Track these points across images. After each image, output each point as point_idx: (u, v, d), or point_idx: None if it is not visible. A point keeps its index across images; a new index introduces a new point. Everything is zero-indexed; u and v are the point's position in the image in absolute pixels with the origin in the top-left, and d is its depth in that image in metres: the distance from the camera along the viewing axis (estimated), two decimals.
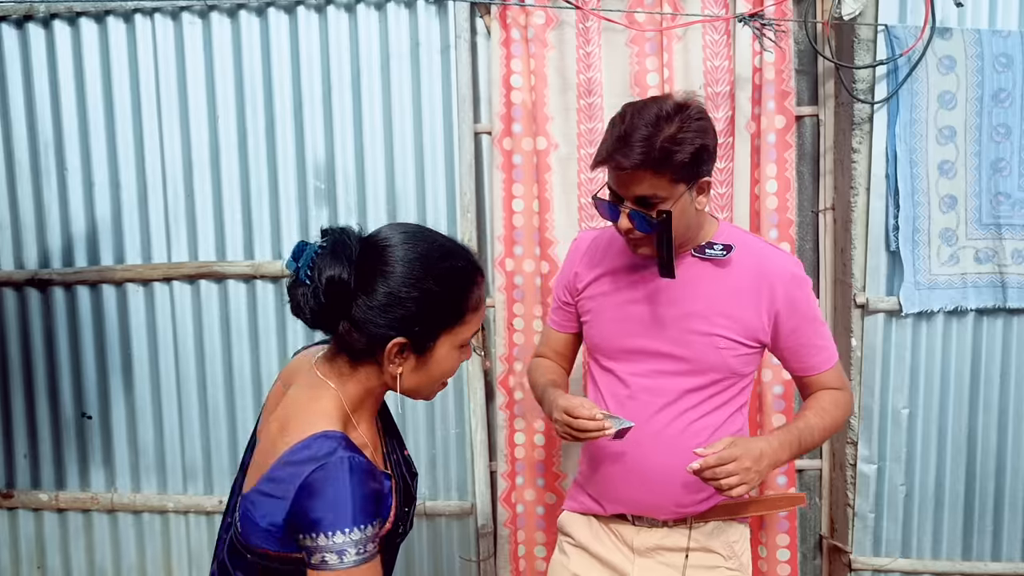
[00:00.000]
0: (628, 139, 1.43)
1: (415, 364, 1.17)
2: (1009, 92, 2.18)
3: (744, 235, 1.69)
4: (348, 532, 1.05)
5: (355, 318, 1.12)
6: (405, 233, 1.16)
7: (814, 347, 1.63)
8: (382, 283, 1.12)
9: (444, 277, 1.14)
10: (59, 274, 2.51)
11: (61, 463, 2.62)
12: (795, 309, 1.60)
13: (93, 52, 2.44)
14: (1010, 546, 2.35)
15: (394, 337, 1.12)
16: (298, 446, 1.09)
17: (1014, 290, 2.23)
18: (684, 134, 1.43)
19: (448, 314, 1.16)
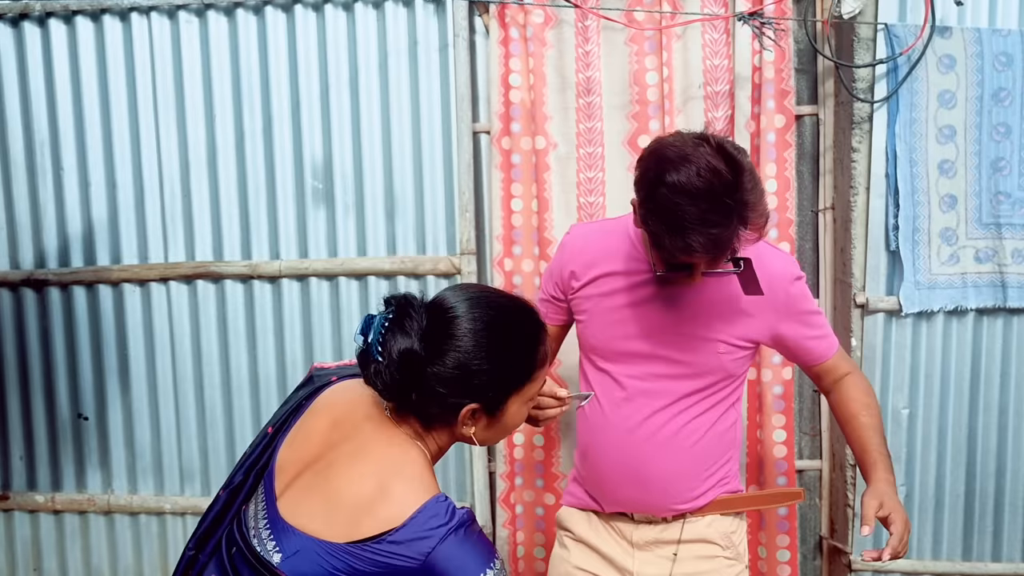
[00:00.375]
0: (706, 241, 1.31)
1: (487, 423, 1.20)
2: (1009, 91, 2.18)
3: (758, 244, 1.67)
4: (492, 567, 1.11)
5: (428, 388, 1.13)
6: (469, 300, 1.17)
7: (815, 338, 1.64)
8: (452, 355, 1.13)
9: (513, 344, 1.18)
10: (55, 274, 2.50)
11: (57, 465, 2.60)
12: (795, 309, 1.61)
13: (89, 51, 2.43)
14: (1010, 547, 2.35)
15: (467, 404, 1.15)
16: (419, 515, 1.10)
17: (1014, 290, 2.23)
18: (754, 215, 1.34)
19: (518, 377, 1.19)
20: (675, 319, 1.58)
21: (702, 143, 1.35)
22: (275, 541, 1.16)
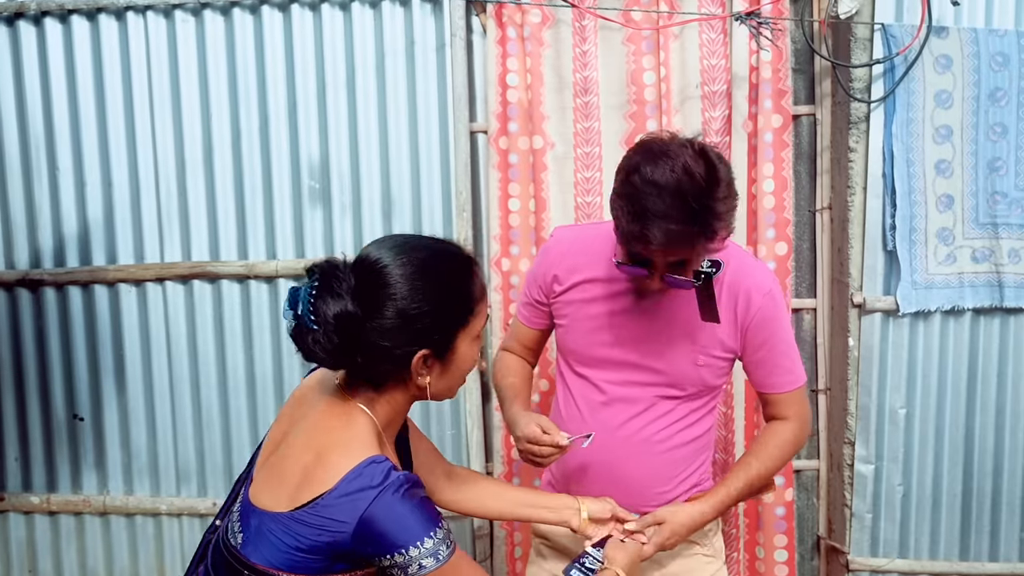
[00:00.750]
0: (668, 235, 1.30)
1: (440, 369, 1.19)
2: (1005, 91, 2.18)
3: (736, 250, 1.62)
4: (433, 536, 1.10)
5: (372, 347, 1.12)
6: (394, 249, 1.15)
7: (778, 367, 1.58)
8: (390, 305, 1.11)
9: (447, 281, 1.16)
10: (50, 274, 2.49)
11: (52, 465, 2.59)
12: (764, 325, 1.55)
13: (85, 50, 2.42)
14: (1007, 546, 2.35)
15: (417, 351, 1.14)
16: (349, 476, 1.09)
17: (1011, 289, 2.23)
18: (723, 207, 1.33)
19: (460, 314, 1.18)
20: (655, 329, 1.56)
21: (687, 145, 1.35)
22: (240, 523, 1.18)
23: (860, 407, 2.29)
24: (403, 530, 1.08)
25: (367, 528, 1.08)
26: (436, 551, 1.09)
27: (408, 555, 1.08)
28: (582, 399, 1.64)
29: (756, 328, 1.54)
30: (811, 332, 2.39)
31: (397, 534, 1.08)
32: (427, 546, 1.09)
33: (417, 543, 1.08)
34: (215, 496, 2.54)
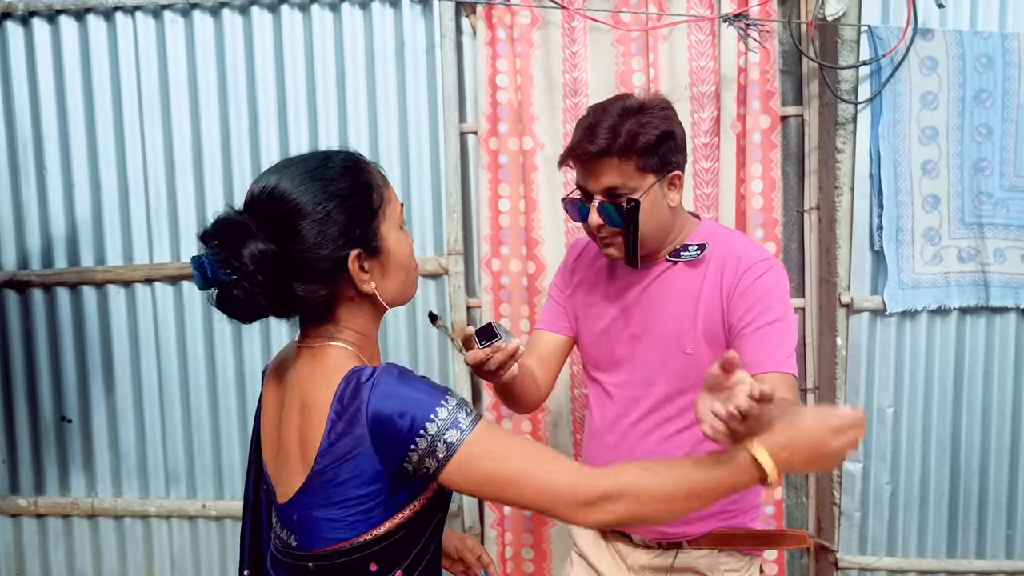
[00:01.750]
0: (594, 128, 1.44)
1: (380, 269, 1.13)
2: (990, 92, 2.20)
3: (724, 231, 1.63)
4: (446, 404, 1.03)
5: (303, 271, 1.06)
6: (274, 173, 1.11)
7: (759, 345, 1.42)
8: (297, 221, 1.06)
9: (339, 176, 1.10)
10: (38, 275, 2.47)
11: (40, 468, 2.57)
12: (747, 295, 1.46)
13: (73, 50, 2.41)
14: (994, 544, 2.37)
15: (347, 254, 1.08)
16: (337, 396, 1.05)
17: (996, 289, 2.25)
18: (648, 119, 1.44)
19: (368, 201, 1.11)
20: (649, 323, 1.56)
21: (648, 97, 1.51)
22: (284, 526, 1.14)
23: (848, 406, 2.30)
24: (412, 404, 1.01)
25: (378, 422, 1.01)
26: (455, 420, 1.02)
27: (429, 434, 1.01)
28: (596, 405, 1.65)
29: (739, 298, 1.47)
30: (799, 332, 2.41)
31: (407, 411, 1.01)
32: (443, 416, 1.01)
33: (431, 416, 1.01)
34: (204, 498, 2.53)
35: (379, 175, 1.16)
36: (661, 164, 1.46)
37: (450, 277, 2.37)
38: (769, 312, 1.44)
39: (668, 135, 1.46)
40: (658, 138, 1.44)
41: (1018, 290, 2.26)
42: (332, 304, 1.12)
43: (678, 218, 1.56)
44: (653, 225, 1.48)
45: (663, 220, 1.51)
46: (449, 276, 2.37)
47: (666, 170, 1.48)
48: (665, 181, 1.49)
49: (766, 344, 1.42)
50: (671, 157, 1.48)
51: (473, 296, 2.43)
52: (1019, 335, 2.30)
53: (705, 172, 2.32)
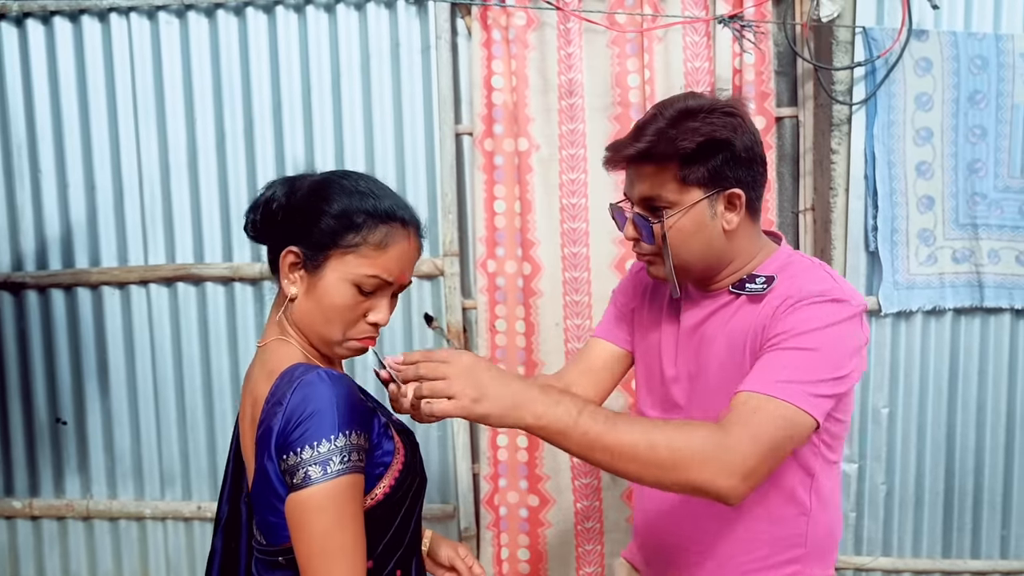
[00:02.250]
0: (640, 129, 1.26)
1: (305, 286, 1.14)
2: (984, 94, 2.21)
3: (801, 261, 1.32)
4: (333, 439, 1.02)
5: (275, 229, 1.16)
6: (360, 173, 1.21)
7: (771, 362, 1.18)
8: (298, 191, 1.15)
9: (338, 196, 1.14)
10: (33, 277, 2.47)
11: (35, 470, 2.57)
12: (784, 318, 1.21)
13: (67, 51, 2.40)
14: (989, 544, 2.37)
15: (287, 242, 1.13)
16: (272, 389, 1.09)
17: (991, 289, 2.26)
18: (698, 123, 1.22)
19: (339, 234, 1.12)
20: (701, 364, 1.34)
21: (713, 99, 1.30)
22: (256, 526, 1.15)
23: None
24: (314, 419, 1.02)
25: (286, 419, 1.03)
26: (327, 460, 1.02)
27: (301, 456, 1.02)
28: None
29: (771, 326, 1.23)
30: None
31: (304, 422, 1.02)
32: (322, 449, 1.02)
33: (315, 442, 1.02)
34: (199, 499, 2.53)
35: (382, 237, 1.13)
36: (711, 178, 1.24)
37: (446, 278, 2.37)
38: (798, 339, 1.18)
39: (721, 144, 1.23)
40: (703, 146, 1.22)
41: (1012, 291, 2.26)
42: (280, 286, 1.18)
43: (741, 243, 1.30)
44: (697, 249, 1.27)
45: (713, 244, 1.27)
46: (445, 277, 2.37)
47: (720, 186, 1.24)
48: (719, 199, 1.25)
49: (772, 365, 1.18)
50: (727, 171, 1.24)
51: (469, 297, 2.43)
52: (1013, 335, 2.31)
53: None
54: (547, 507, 2.42)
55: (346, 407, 1.05)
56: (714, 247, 1.28)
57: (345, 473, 1.02)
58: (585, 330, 2.34)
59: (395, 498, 1.14)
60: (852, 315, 1.21)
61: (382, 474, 1.12)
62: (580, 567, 2.43)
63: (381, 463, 1.12)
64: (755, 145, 1.27)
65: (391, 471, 1.13)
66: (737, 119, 1.25)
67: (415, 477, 1.19)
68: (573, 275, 2.34)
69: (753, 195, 1.28)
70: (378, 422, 1.14)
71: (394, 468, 1.13)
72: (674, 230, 1.26)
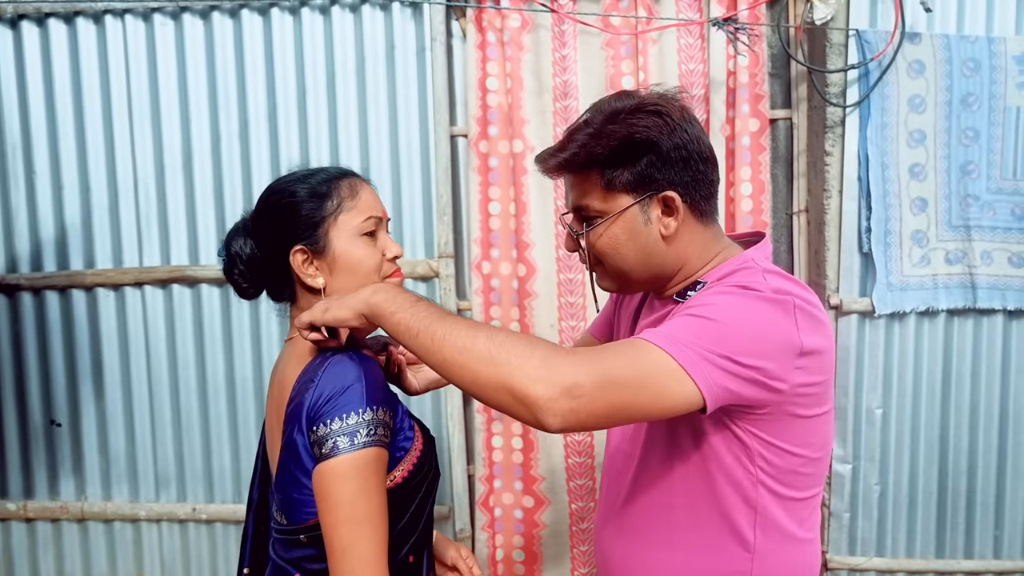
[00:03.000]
0: (569, 135, 1.19)
1: (328, 267, 1.22)
2: (977, 96, 2.22)
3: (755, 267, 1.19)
4: (361, 412, 1.09)
5: (269, 262, 1.23)
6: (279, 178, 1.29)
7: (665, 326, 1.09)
8: (262, 215, 1.24)
9: (304, 182, 1.23)
10: (27, 279, 2.46)
11: (29, 471, 2.56)
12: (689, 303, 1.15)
13: (62, 53, 2.40)
14: (982, 544, 2.38)
15: (290, 248, 1.20)
16: (304, 369, 1.17)
17: (983, 291, 2.27)
18: (615, 126, 1.14)
19: (320, 207, 1.22)
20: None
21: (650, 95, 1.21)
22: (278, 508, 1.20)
23: (837, 407, 2.32)
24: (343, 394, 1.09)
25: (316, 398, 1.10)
26: (354, 432, 1.08)
27: (330, 427, 1.08)
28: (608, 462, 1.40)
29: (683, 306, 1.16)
30: None
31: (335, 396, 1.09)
32: (351, 421, 1.08)
33: (343, 414, 1.08)
34: (194, 501, 2.52)
35: (348, 188, 1.24)
36: (637, 182, 1.15)
37: (440, 280, 2.37)
38: (700, 308, 1.09)
39: (644, 145, 1.14)
40: (623, 149, 1.14)
41: (1005, 292, 2.27)
42: (294, 293, 1.26)
43: (686, 249, 1.20)
44: (633, 258, 1.19)
45: (651, 252, 1.18)
46: (440, 279, 2.37)
47: (649, 189, 1.15)
48: (652, 203, 1.16)
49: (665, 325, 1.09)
50: (655, 173, 1.15)
51: (464, 299, 2.43)
52: (1006, 336, 2.32)
53: None
54: (542, 508, 2.42)
55: (374, 384, 1.13)
56: (653, 255, 1.19)
57: (371, 445, 1.08)
58: (580, 332, 2.35)
59: (412, 483, 1.19)
60: (770, 305, 1.09)
61: (401, 458, 1.18)
62: (575, 568, 2.44)
63: (402, 447, 1.18)
64: (690, 143, 1.16)
65: (410, 456, 1.19)
66: (664, 117, 1.15)
67: (431, 469, 1.26)
68: (568, 276, 2.34)
69: (696, 196, 1.17)
70: (401, 408, 1.21)
71: (412, 454, 1.20)
72: (605, 239, 1.18)
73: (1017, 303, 2.28)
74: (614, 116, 1.15)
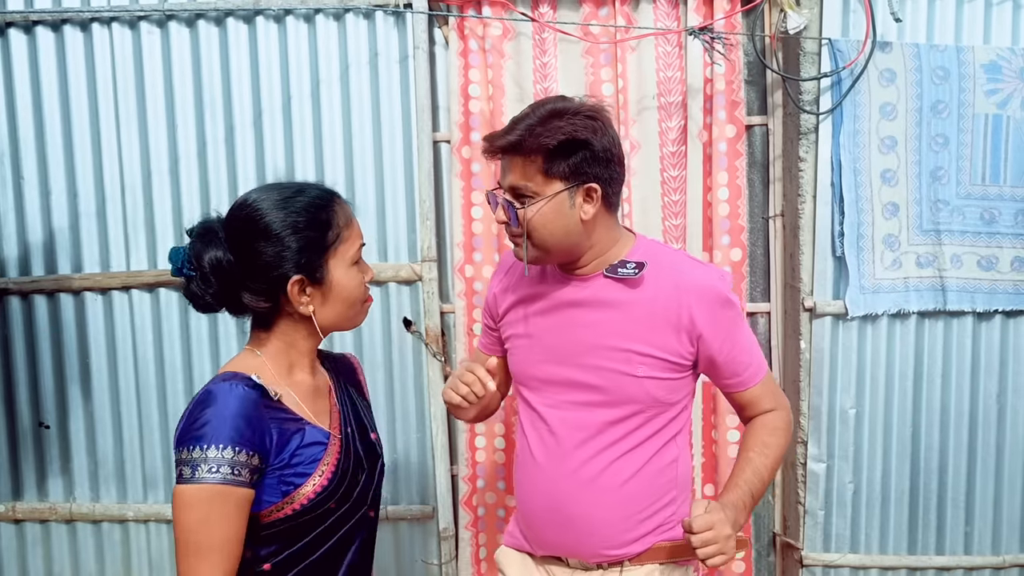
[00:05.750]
0: (513, 124, 1.41)
1: (321, 296, 1.25)
2: (946, 104, 2.28)
3: (664, 251, 1.56)
4: (218, 448, 1.11)
5: (251, 282, 1.21)
6: (256, 191, 1.26)
7: (740, 363, 1.51)
8: (256, 238, 1.20)
9: (305, 208, 1.23)
10: (15, 283, 2.49)
11: (18, 473, 2.59)
12: (719, 328, 1.47)
13: (50, 60, 2.43)
14: (953, 540, 2.44)
15: (289, 277, 1.21)
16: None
17: (953, 293, 2.32)
18: (562, 123, 1.37)
19: (323, 236, 1.23)
20: (587, 341, 1.48)
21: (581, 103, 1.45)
22: None
23: (812, 407, 2.37)
24: (212, 422, 1.11)
25: (188, 416, 1.14)
26: (197, 464, 1.10)
27: (188, 452, 1.11)
28: (530, 427, 1.56)
29: (711, 334, 1.46)
30: (765, 335, 2.47)
31: (206, 424, 1.11)
32: (208, 454, 1.10)
33: (204, 444, 1.10)
34: None
35: (343, 215, 1.27)
36: (571, 172, 1.39)
37: (424, 283, 2.41)
38: (741, 337, 1.51)
39: (581, 144, 1.38)
40: (564, 144, 1.37)
41: (974, 294, 2.33)
42: (273, 316, 1.27)
43: (598, 232, 1.46)
44: (556, 233, 1.42)
45: (570, 231, 1.43)
46: (423, 282, 2.42)
47: (579, 180, 1.40)
48: (578, 191, 1.40)
49: (747, 368, 1.53)
50: (586, 167, 1.39)
51: (447, 302, 2.47)
52: (975, 338, 2.37)
53: (673, 180, 2.38)
54: None
55: (241, 423, 1.13)
56: (572, 233, 1.43)
57: (218, 482, 1.10)
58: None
59: (303, 518, 1.21)
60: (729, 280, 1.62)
61: (289, 492, 1.19)
62: None
63: (290, 483, 1.19)
64: (613, 147, 1.44)
65: (302, 493, 1.20)
66: (598, 122, 1.42)
67: (344, 505, 1.26)
68: None
69: (610, 190, 1.44)
70: (300, 440, 1.21)
71: (307, 491, 1.20)
72: (537, 216, 1.41)
73: (986, 305, 2.34)
74: (560, 114, 1.39)
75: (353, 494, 1.28)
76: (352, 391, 1.43)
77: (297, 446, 1.20)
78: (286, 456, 1.18)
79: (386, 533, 2.54)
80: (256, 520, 1.18)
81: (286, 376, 1.27)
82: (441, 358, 2.41)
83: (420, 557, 2.55)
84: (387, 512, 2.49)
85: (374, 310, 2.43)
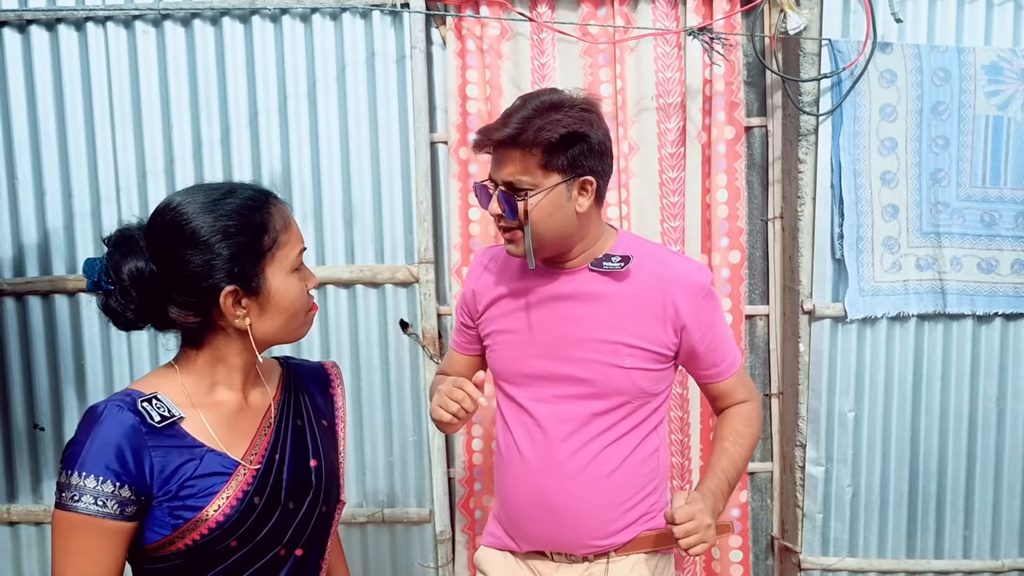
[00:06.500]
0: (508, 117, 1.42)
1: (259, 307, 1.14)
2: (947, 105, 2.26)
3: (645, 244, 1.59)
4: (84, 476, 1.05)
5: (178, 295, 1.10)
6: (180, 194, 1.14)
7: (719, 353, 1.56)
8: (183, 245, 1.09)
9: (236, 210, 1.11)
10: (9, 284, 2.48)
11: (13, 475, 2.58)
12: (701, 319, 1.51)
13: (44, 60, 2.41)
14: (952, 544, 2.43)
15: (221, 288, 1.09)
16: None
17: (953, 296, 2.31)
18: (560, 116, 1.39)
19: (258, 242, 1.12)
20: (574, 334, 1.50)
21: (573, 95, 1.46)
22: None
23: (811, 411, 2.36)
24: (97, 444, 1.05)
25: (72, 438, 1.09)
26: (76, 489, 1.05)
27: (69, 476, 1.06)
28: (516, 423, 1.57)
29: (693, 325, 1.50)
30: (764, 338, 2.46)
31: (92, 447, 1.06)
32: (85, 482, 1.05)
33: (85, 471, 1.05)
34: None
35: (281, 217, 1.16)
36: (569, 165, 1.41)
37: (420, 285, 2.40)
38: (720, 328, 1.57)
39: (579, 136, 1.40)
40: (564, 137, 1.39)
41: (973, 297, 2.32)
42: (204, 331, 1.15)
43: (589, 225, 1.50)
44: (553, 226, 1.44)
45: (566, 223, 1.45)
46: (420, 284, 2.40)
47: (576, 173, 1.42)
48: (574, 184, 1.43)
49: (725, 358, 1.58)
50: (583, 161, 1.42)
51: (444, 304, 2.46)
52: (975, 341, 2.36)
53: (671, 181, 2.37)
54: None
55: (111, 452, 1.06)
56: (567, 226, 1.46)
57: (82, 512, 1.05)
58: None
59: (197, 556, 1.11)
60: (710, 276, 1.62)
61: (179, 525, 1.10)
62: None
63: (179, 516, 1.10)
64: (606, 140, 1.47)
65: (197, 527, 1.10)
66: (593, 115, 1.44)
67: (247, 545, 1.14)
68: None
69: (601, 184, 1.47)
70: (192, 469, 1.11)
71: (202, 525, 1.10)
72: (536, 209, 1.42)
73: (985, 308, 2.32)
74: (557, 107, 1.41)
75: (261, 532, 1.15)
76: (310, 409, 1.30)
77: (188, 476, 1.10)
78: (172, 487, 1.09)
79: (383, 536, 2.53)
80: (145, 554, 1.11)
81: (205, 395, 1.16)
82: (438, 360, 2.40)
83: (417, 560, 2.54)
84: (384, 515, 2.48)
85: (371, 312, 2.43)
